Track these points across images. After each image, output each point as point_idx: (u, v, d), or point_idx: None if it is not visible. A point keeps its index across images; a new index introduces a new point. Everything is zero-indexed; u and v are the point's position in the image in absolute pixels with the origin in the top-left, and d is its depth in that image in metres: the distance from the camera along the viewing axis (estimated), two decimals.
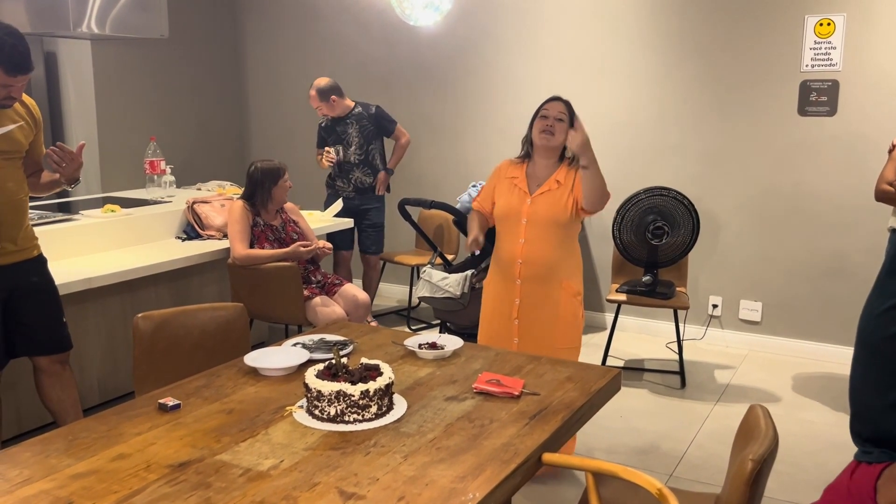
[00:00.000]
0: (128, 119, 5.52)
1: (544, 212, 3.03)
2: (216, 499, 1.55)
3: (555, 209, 3.03)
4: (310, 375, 1.96)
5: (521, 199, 3.08)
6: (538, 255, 3.05)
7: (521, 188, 3.09)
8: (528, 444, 1.81)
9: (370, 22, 5.66)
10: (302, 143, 6.13)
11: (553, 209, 3.03)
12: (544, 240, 3.04)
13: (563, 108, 3.08)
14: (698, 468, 3.25)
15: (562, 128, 3.04)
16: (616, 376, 2.29)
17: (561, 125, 3.04)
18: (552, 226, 3.03)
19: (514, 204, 3.09)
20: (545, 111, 3.09)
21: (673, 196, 4.08)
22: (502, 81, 5.31)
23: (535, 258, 3.05)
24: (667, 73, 4.79)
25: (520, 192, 3.09)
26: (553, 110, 3.08)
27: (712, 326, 4.89)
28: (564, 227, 3.05)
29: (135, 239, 4.00)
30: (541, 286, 3.07)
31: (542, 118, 3.08)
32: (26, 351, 2.91)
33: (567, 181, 3.04)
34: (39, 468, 1.68)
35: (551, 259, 3.05)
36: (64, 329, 2.97)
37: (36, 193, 2.98)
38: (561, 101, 3.11)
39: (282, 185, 3.95)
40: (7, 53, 2.51)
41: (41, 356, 2.93)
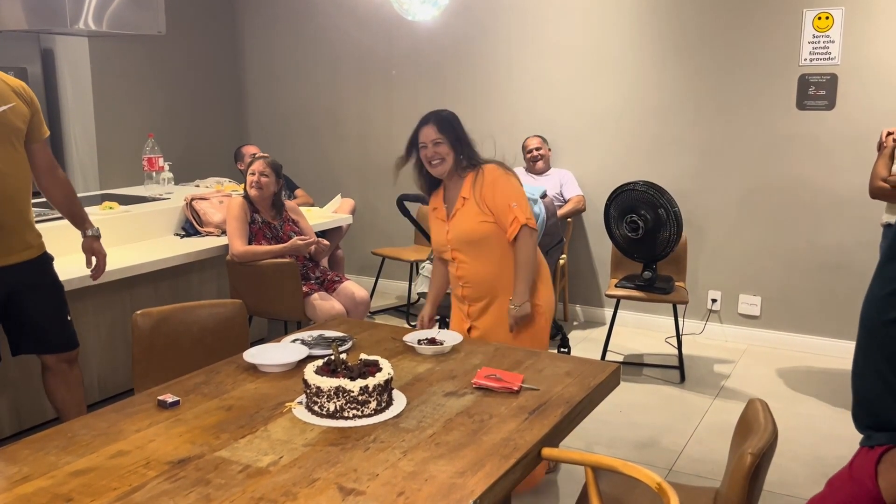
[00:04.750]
0: (125, 116, 5.51)
1: (459, 232, 2.89)
2: (216, 495, 1.55)
3: (466, 226, 2.86)
4: (309, 371, 1.96)
5: (442, 228, 2.95)
6: (470, 277, 2.91)
7: (441, 217, 2.97)
8: (528, 438, 1.81)
9: (368, 17, 5.65)
10: (299, 139, 6.13)
11: (465, 227, 2.87)
12: (470, 260, 2.90)
13: (433, 131, 2.87)
14: (698, 462, 3.26)
15: (444, 149, 2.86)
16: (615, 371, 2.29)
17: (442, 147, 2.86)
18: (470, 244, 2.87)
19: (440, 236, 2.96)
20: (421, 142, 2.91)
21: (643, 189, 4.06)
22: (500, 76, 5.30)
23: (469, 280, 2.92)
24: (665, 67, 4.79)
25: (440, 222, 2.97)
26: (427, 138, 2.88)
27: (711, 321, 4.89)
28: (486, 241, 2.85)
29: (133, 236, 4.00)
30: (486, 305, 2.93)
31: (422, 148, 2.90)
32: (32, 349, 2.89)
33: (470, 193, 2.86)
34: (38, 465, 1.68)
35: (484, 277, 2.89)
36: (69, 327, 2.94)
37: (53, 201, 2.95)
38: (430, 124, 2.90)
39: (248, 177, 3.92)
40: None
41: (47, 354, 2.91)
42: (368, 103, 5.82)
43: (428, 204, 4.40)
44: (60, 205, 2.97)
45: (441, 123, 2.89)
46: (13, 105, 2.69)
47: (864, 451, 1.47)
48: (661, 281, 4.19)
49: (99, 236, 3.05)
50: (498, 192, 2.83)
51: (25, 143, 2.78)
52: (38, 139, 2.82)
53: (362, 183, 5.93)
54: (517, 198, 2.84)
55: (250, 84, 6.31)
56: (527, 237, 2.81)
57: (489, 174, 2.85)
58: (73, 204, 2.99)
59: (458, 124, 2.93)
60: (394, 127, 5.76)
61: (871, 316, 1.45)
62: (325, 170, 6.04)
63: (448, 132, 2.88)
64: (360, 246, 5.90)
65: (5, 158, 2.66)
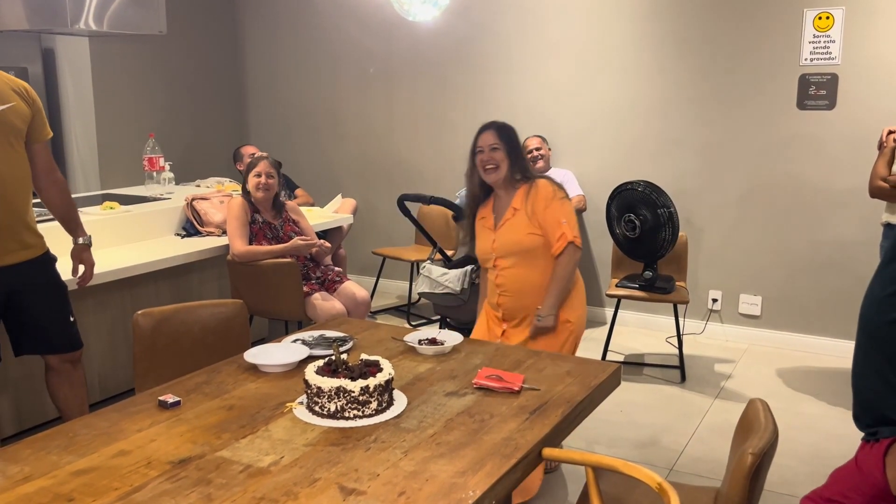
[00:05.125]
0: (126, 116, 5.51)
1: (506, 243, 2.96)
2: (217, 495, 1.55)
3: (515, 237, 2.94)
4: (310, 372, 1.96)
5: (489, 237, 3.02)
6: (511, 287, 2.98)
7: (489, 226, 3.04)
8: (529, 438, 1.82)
9: (369, 18, 5.65)
10: (300, 139, 6.13)
11: (513, 237, 2.94)
12: (515, 272, 2.96)
13: (493, 137, 2.96)
14: (698, 462, 3.26)
15: (500, 156, 2.94)
16: (616, 371, 2.30)
17: (498, 153, 2.94)
18: (517, 257, 2.95)
19: (486, 245, 3.03)
20: (479, 147, 2.98)
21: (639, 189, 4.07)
22: (501, 76, 5.30)
23: (509, 289, 2.99)
24: (666, 67, 4.79)
25: (488, 230, 3.03)
26: (485, 143, 2.96)
27: (712, 321, 4.89)
28: (532, 253, 2.93)
29: (134, 236, 4.00)
30: (523, 316, 2.99)
31: (479, 153, 2.98)
32: (34, 349, 2.89)
33: (522, 204, 2.93)
34: (40, 465, 1.68)
35: (525, 287, 2.96)
36: (72, 328, 2.92)
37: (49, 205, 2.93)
38: (491, 129, 2.99)
39: (251, 179, 3.91)
40: None
41: (50, 355, 2.91)
42: (369, 103, 5.83)
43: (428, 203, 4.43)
44: (56, 207, 2.94)
45: (500, 131, 2.97)
46: (13, 104, 2.68)
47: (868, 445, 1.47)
48: (662, 280, 4.19)
49: (90, 245, 3.02)
50: (550, 208, 2.91)
51: (26, 144, 2.77)
52: (39, 139, 2.82)
53: (362, 183, 5.93)
54: (567, 215, 2.92)
55: (251, 84, 6.31)
56: (570, 254, 2.90)
57: (543, 189, 2.93)
58: (68, 208, 2.96)
59: (516, 137, 3.02)
60: (394, 127, 5.77)
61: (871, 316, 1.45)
62: (326, 170, 6.04)
63: (505, 141, 2.96)
64: (360, 246, 5.91)
65: (2, 158, 2.64)
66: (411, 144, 5.73)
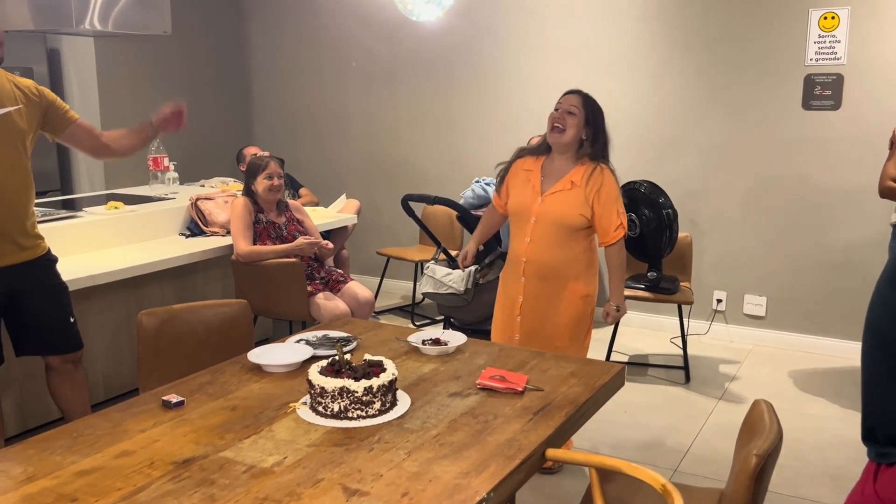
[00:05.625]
0: (131, 116, 5.48)
1: (553, 213, 2.93)
2: (220, 495, 1.55)
3: (565, 211, 2.92)
4: (313, 372, 1.96)
5: (532, 197, 2.98)
6: (542, 256, 2.98)
7: (535, 185, 2.99)
8: (532, 439, 1.81)
9: (372, 18, 5.65)
10: (305, 140, 6.14)
11: (562, 211, 2.92)
12: (550, 240, 2.95)
13: (576, 101, 2.93)
14: (703, 463, 3.25)
15: (573, 122, 2.91)
16: (620, 371, 2.29)
17: (572, 119, 2.90)
18: (560, 227, 2.94)
19: (525, 202, 3.00)
20: (558, 104, 2.96)
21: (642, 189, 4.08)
22: (505, 76, 5.30)
23: (539, 258, 2.98)
24: (670, 67, 4.78)
25: (532, 190, 2.99)
26: (565, 103, 2.93)
27: (717, 321, 4.88)
28: (573, 231, 2.94)
29: (139, 236, 4.00)
30: (544, 286, 3.01)
31: (554, 111, 2.96)
32: (35, 350, 2.89)
33: (582, 182, 2.90)
34: (43, 465, 1.68)
35: (556, 260, 2.97)
36: (72, 329, 2.92)
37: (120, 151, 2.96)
38: (577, 94, 2.96)
39: (261, 181, 3.91)
40: None
41: (51, 355, 2.91)
42: (373, 103, 5.83)
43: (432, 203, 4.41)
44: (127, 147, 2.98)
45: (586, 100, 2.96)
46: (18, 107, 2.68)
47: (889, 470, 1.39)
48: (667, 281, 4.19)
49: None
50: (611, 197, 2.94)
51: (61, 133, 2.82)
52: (68, 124, 2.84)
53: (367, 183, 5.93)
54: (622, 208, 2.99)
55: (256, 84, 6.32)
56: (622, 244, 3.01)
57: (608, 177, 2.94)
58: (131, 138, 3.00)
59: (602, 115, 3.00)
60: (398, 127, 5.76)
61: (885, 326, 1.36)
62: (330, 170, 6.04)
63: (588, 111, 2.94)
64: (364, 246, 5.90)
65: (2, 161, 2.65)
66: (415, 145, 5.73)
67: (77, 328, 2.95)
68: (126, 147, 3.02)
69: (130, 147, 3.03)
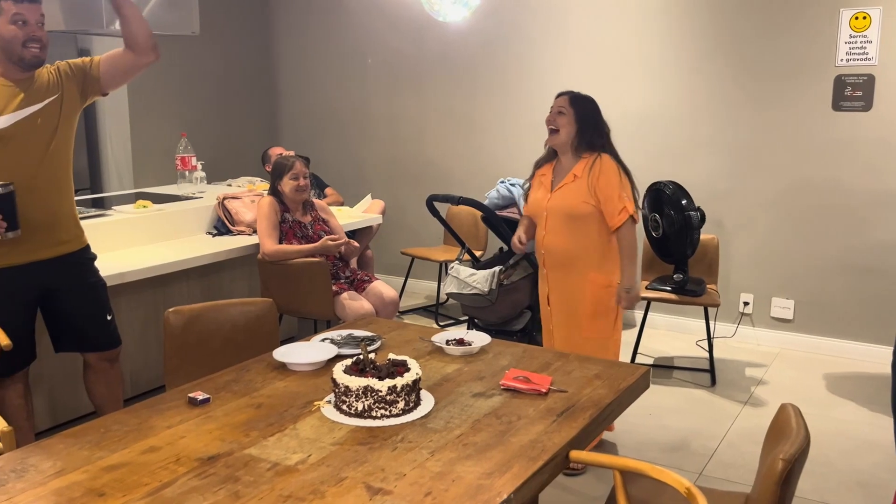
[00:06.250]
0: (159, 115, 5.59)
1: (561, 205, 3.12)
2: (244, 492, 1.56)
3: (570, 202, 3.09)
4: (338, 371, 1.97)
5: (544, 195, 3.19)
6: (557, 245, 3.15)
7: (546, 185, 3.20)
8: (556, 441, 1.81)
9: (399, 18, 5.67)
10: (330, 140, 6.17)
11: (568, 202, 3.10)
12: (561, 231, 3.13)
13: (563, 101, 3.12)
14: (728, 467, 3.22)
15: (564, 121, 3.10)
16: (645, 374, 2.28)
17: (563, 118, 3.10)
18: (567, 218, 3.11)
19: (538, 200, 3.22)
20: (551, 107, 3.16)
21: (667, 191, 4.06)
22: (531, 76, 5.29)
23: (554, 247, 3.17)
24: (697, 67, 4.74)
25: (544, 189, 3.20)
26: (555, 106, 3.14)
27: (743, 324, 4.83)
28: (582, 220, 3.09)
29: (166, 234, 4.05)
30: (564, 275, 3.17)
31: (550, 113, 3.16)
32: (72, 346, 2.93)
33: (584, 173, 3.08)
34: (72, 460, 1.71)
35: (570, 248, 3.13)
36: (109, 326, 2.95)
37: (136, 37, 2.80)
38: (564, 95, 3.16)
39: (287, 181, 3.93)
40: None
41: (88, 353, 2.95)
42: (399, 104, 5.84)
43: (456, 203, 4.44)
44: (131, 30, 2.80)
45: (574, 100, 3.13)
46: (50, 100, 2.69)
47: None
48: (693, 283, 4.15)
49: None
50: (611, 184, 3.04)
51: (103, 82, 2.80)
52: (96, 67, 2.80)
53: (392, 183, 5.95)
54: (628, 192, 3.08)
55: (282, 84, 6.36)
56: (630, 227, 3.07)
57: (606, 163, 3.06)
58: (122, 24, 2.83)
59: (592, 108, 3.15)
60: (423, 127, 5.77)
61: None
62: (355, 170, 6.07)
63: (576, 109, 3.10)
64: (389, 246, 5.92)
65: (36, 156, 2.67)
66: (441, 145, 5.74)
67: (115, 326, 2.98)
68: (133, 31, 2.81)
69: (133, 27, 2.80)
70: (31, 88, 2.67)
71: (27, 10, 2.58)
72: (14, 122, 2.61)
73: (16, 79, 2.64)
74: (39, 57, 2.65)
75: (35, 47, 2.62)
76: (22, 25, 2.57)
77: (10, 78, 2.64)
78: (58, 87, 2.74)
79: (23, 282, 2.72)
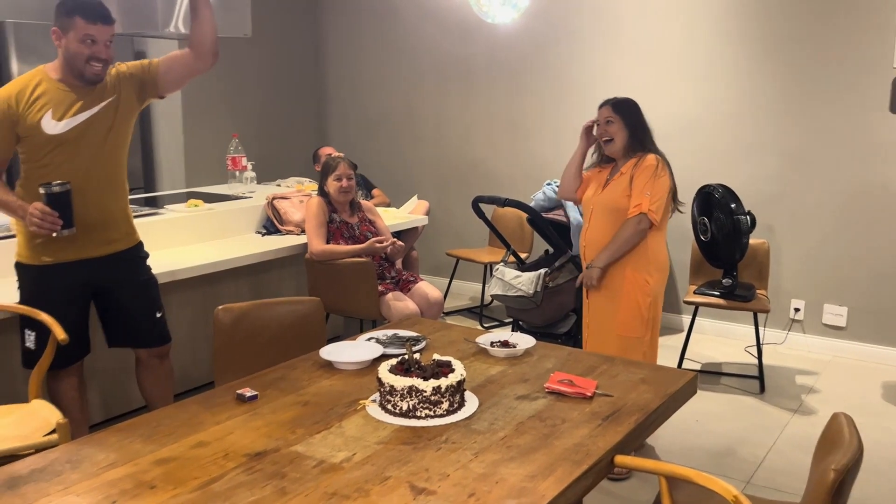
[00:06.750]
0: (211, 117, 5.69)
1: (605, 200, 3.21)
2: (291, 488, 1.59)
3: (612, 196, 3.17)
4: (383, 370, 1.98)
5: (595, 191, 3.29)
6: (596, 238, 3.23)
7: (601, 181, 3.29)
8: (601, 445, 1.79)
9: (447, 19, 5.68)
10: (378, 141, 6.21)
11: (611, 196, 3.18)
12: (602, 226, 3.20)
13: (608, 111, 3.22)
14: (777, 475, 3.16)
15: (614, 129, 3.20)
16: (692, 379, 2.25)
17: (612, 127, 3.20)
18: (610, 212, 3.18)
19: (590, 195, 3.32)
20: (597, 119, 3.27)
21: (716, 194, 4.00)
22: (579, 78, 5.25)
23: (593, 241, 3.24)
24: (750, 68, 4.65)
25: (597, 184, 3.31)
26: (602, 117, 3.23)
27: (794, 331, 4.73)
28: (622, 214, 3.14)
29: (216, 233, 4.12)
30: (602, 271, 3.21)
31: (597, 126, 3.27)
32: (124, 342, 3.00)
33: (628, 170, 3.15)
34: (124, 452, 1.75)
35: (606, 243, 3.19)
36: (160, 323, 3.02)
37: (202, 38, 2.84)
38: (607, 105, 3.25)
39: (331, 182, 3.97)
40: (85, 1, 2.63)
41: (139, 349, 3.02)
42: (446, 105, 5.86)
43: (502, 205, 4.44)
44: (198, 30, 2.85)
45: (616, 106, 3.22)
46: (110, 100, 2.77)
47: None
48: (742, 288, 4.08)
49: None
50: (643, 177, 3.10)
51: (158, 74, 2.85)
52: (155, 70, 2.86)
53: (438, 184, 5.97)
54: (655, 191, 3.09)
55: (331, 86, 6.43)
56: (637, 221, 3.09)
57: (647, 160, 3.13)
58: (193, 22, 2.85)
59: (636, 110, 3.24)
60: (471, 129, 5.78)
61: None
62: (402, 171, 6.10)
63: (621, 114, 3.20)
64: (434, 246, 5.94)
65: (90, 156, 2.74)
66: (487, 146, 5.74)
67: (165, 323, 3.05)
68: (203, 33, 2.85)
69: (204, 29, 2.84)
70: (90, 94, 2.74)
71: (98, 32, 2.66)
72: (71, 127, 2.69)
73: (75, 85, 2.72)
74: (100, 75, 2.73)
75: (97, 66, 2.69)
76: (90, 44, 2.65)
77: (69, 84, 2.72)
78: (115, 89, 2.81)
79: (76, 277, 2.80)
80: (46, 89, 2.69)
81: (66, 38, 2.65)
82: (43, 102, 2.67)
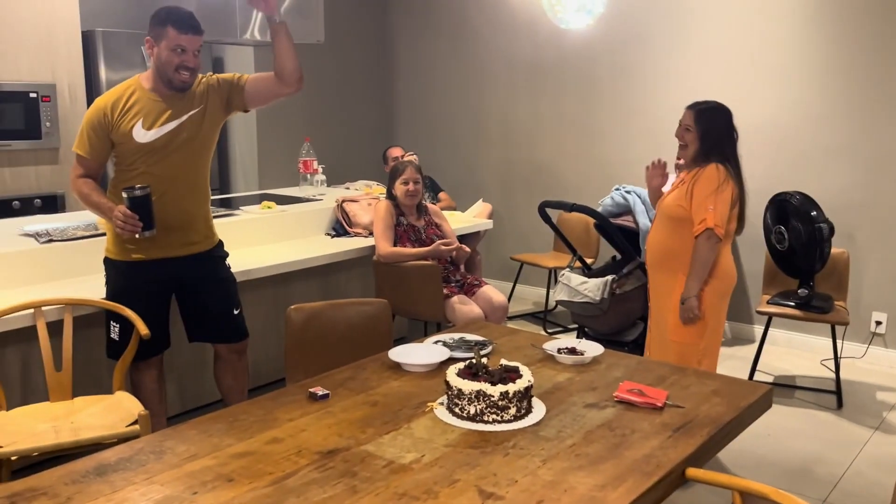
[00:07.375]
0: (284, 121, 5.82)
1: (663, 206, 3.21)
2: (361, 487, 1.61)
3: (669, 203, 3.16)
4: (451, 373, 2.00)
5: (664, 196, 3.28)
6: (654, 241, 3.23)
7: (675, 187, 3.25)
8: (672, 457, 1.77)
9: (517, 24, 5.68)
10: (445, 144, 6.25)
11: (668, 204, 3.16)
12: (661, 231, 3.20)
13: (688, 119, 3.13)
14: (855, 496, 3.05)
15: (690, 137, 3.11)
16: (767, 393, 2.19)
17: (689, 135, 3.11)
18: (666, 218, 3.16)
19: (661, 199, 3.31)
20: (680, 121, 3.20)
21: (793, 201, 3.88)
22: (651, 81, 5.18)
23: (652, 244, 3.25)
24: (830, 71, 4.51)
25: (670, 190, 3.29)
26: (682, 121, 3.17)
27: (875, 345, 4.56)
28: (677, 222, 3.11)
29: (288, 234, 4.21)
30: (657, 274, 3.24)
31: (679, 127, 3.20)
32: (204, 337, 3.11)
33: (690, 178, 3.10)
34: (204, 445, 1.81)
35: (662, 247, 3.18)
36: (237, 319, 3.11)
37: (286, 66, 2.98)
38: (690, 110, 3.16)
39: (398, 186, 4.01)
40: (177, 12, 2.74)
41: (217, 344, 3.12)
42: (514, 109, 5.85)
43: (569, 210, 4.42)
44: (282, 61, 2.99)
45: (698, 114, 3.12)
46: (198, 109, 2.88)
47: None
48: (819, 299, 3.95)
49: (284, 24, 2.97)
50: (704, 190, 3.01)
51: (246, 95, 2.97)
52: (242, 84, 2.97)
53: (504, 188, 5.97)
54: (718, 204, 2.99)
55: (400, 90, 6.49)
56: (705, 240, 3.00)
57: (708, 170, 3.04)
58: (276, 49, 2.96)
59: (718, 121, 3.11)
60: (538, 133, 5.76)
61: None
62: (469, 175, 6.12)
63: (701, 126, 3.10)
64: (499, 250, 5.94)
65: (177, 163, 2.86)
66: (555, 150, 5.71)
67: (242, 319, 3.14)
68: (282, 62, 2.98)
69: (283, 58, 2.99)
70: (179, 103, 2.86)
71: (188, 42, 2.76)
72: (159, 136, 2.81)
73: (165, 94, 2.83)
74: (188, 83, 2.83)
75: (185, 73, 2.80)
76: (180, 53, 2.76)
77: (160, 93, 2.83)
78: (203, 99, 2.92)
79: (160, 274, 2.92)
80: (139, 98, 2.82)
81: (159, 47, 2.77)
82: (135, 112, 2.80)
